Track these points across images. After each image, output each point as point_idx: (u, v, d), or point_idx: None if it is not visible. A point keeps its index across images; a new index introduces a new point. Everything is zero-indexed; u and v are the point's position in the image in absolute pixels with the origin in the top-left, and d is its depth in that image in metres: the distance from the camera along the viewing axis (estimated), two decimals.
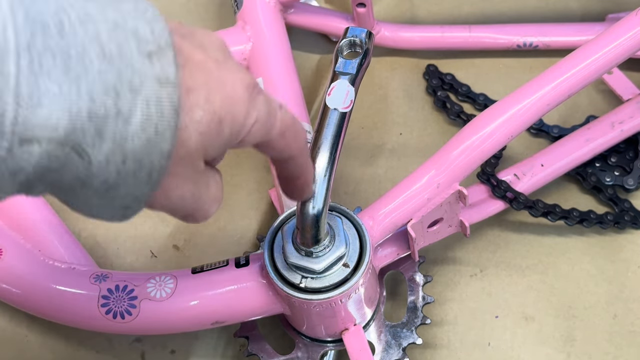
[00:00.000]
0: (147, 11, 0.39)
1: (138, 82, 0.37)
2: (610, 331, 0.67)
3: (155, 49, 0.38)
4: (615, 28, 0.59)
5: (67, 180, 0.37)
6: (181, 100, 0.38)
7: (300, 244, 0.54)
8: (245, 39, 0.73)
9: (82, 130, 0.35)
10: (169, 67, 0.38)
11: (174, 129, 0.38)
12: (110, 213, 0.40)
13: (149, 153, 0.38)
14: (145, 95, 0.37)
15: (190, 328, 0.60)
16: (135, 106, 0.36)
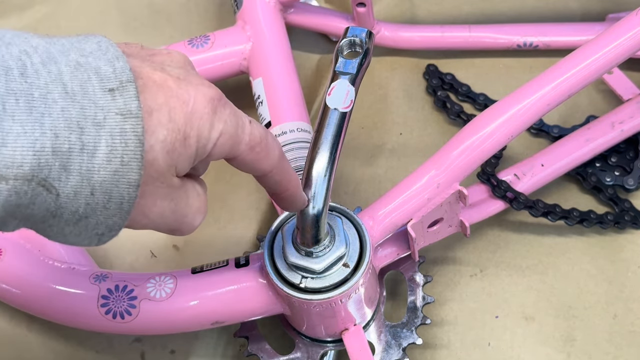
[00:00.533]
0: (109, 51, 0.40)
1: (101, 117, 0.38)
2: (610, 331, 0.67)
3: (117, 85, 0.39)
4: (615, 28, 0.59)
5: (38, 213, 0.38)
6: (144, 123, 0.39)
7: (300, 244, 0.54)
8: (245, 38, 0.73)
9: (48, 165, 0.36)
10: (131, 101, 0.39)
11: (140, 159, 0.39)
12: (85, 240, 0.41)
13: (117, 184, 0.39)
14: (109, 128, 0.38)
15: (190, 328, 0.60)
16: (99, 139, 0.38)
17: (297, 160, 0.64)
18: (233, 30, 0.74)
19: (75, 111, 0.37)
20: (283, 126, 0.66)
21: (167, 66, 0.43)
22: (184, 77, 0.43)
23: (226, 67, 0.73)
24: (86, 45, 0.40)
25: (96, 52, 0.40)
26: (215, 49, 0.72)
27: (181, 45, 0.73)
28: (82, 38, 0.41)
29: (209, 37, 0.73)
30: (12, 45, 0.37)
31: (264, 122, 0.68)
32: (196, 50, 0.72)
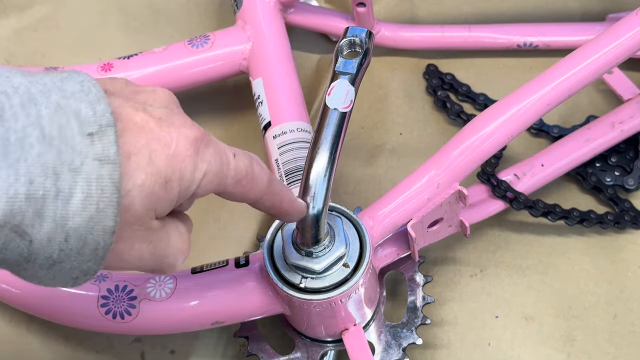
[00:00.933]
0: (91, 92, 0.40)
1: (78, 162, 0.38)
2: (610, 331, 0.67)
3: (96, 130, 0.38)
4: (615, 28, 0.59)
5: (11, 257, 0.37)
6: (122, 168, 0.39)
7: (300, 244, 0.54)
8: (245, 38, 0.73)
9: (21, 212, 0.36)
10: (110, 147, 0.38)
11: (116, 206, 0.38)
12: (60, 283, 0.40)
13: (92, 230, 0.38)
14: (85, 174, 0.38)
15: (190, 328, 0.60)
16: (75, 186, 0.37)
17: (297, 160, 0.64)
18: (233, 30, 0.74)
19: (52, 156, 0.37)
20: (283, 126, 0.66)
21: (150, 106, 0.43)
22: (167, 117, 0.42)
23: (226, 67, 0.73)
24: (68, 86, 0.40)
25: (78, 93, 0.39)
26: (215, 49, 0.72)
27: (181, 45, 0.73)
28: (65, 76, 0.40)
29: (209, 37, 0.73)
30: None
31: (264, 122, 0.68)
32: (196, 50, 0.72)
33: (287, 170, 0.63)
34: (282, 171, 0.64)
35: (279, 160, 0.64)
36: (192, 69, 0.73)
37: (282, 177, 0.63)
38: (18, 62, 0.82)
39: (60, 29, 0.84)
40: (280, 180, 0.63)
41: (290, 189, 0.62)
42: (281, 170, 0.64)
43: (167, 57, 0.72)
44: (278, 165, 0.64)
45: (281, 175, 0.64)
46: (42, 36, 0.83)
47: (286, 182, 0.63)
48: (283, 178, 0.63)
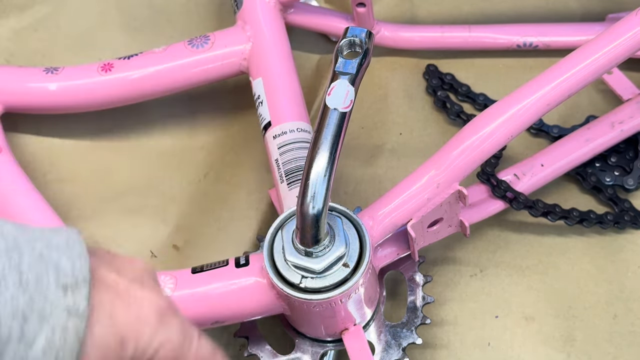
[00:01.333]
0: (75, 248, 0.41)
1: (48, 311, 0.39)
2: (610, 331, 0.67)
3: (72, 282, 0.40)
4: (615, 28, 0.59)
5: None
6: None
7: (300, 244, 0.54)
8: (245, 39, 0.73)
9: None
10: (81, 301, 0.40)
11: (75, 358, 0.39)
12: None
13: None
14: (52, 323, 0.39)
15: None
16: (40, 332, 0.39)
17: (297, 160, 0.64)
18: (233, 31, 0.74)
19: (24, 301, 0.38)
20: (283, 126, 0.66)
21: (124, 270, 0.44)
22: (139, 284, 0.44)
23: (226, 67, 0.73)
24: (55, 238, 0.41)
25: (62, 247, 0.41)
26: (215, 49, 0.72)
27: (181, 46, 0.73)
28: (55, 229, 0.42)
29: (209, 37, 0.73)
30: None
31: (264, 122, 0.68)
32: (196, 50, 0.72)
33: (287, 170, 0.63)
34: (282, 171, 0.64)
35: (279, 160, 0.64)
36: (192, 69, 0.73)
37: (282, 177, 0.63)
38: (18, 62, 0.82)
39: (60, 29, 0.84)
40: (281, 180, 0.64)
41: (291, 189, 0.62)
42: (281, 170, 0.64)
43: (167, 57, 0.72)
44: (278, 165, 0.64)
45: (281, 175, 0.64)
46: (42, 36, 0.83)
47: (286, 182, 0.63)
48: (283, 178, 0.63)
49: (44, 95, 0.72)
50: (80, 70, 0.72)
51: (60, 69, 0.72)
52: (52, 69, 0.72)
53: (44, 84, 0.72)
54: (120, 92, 0.72)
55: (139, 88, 0.73)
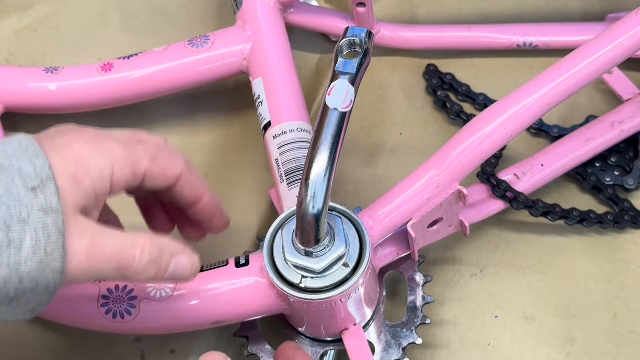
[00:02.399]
0: (29, 149, 0.45)
1: (26, 214, 0.43)
2: (611, 331, 0.67)
3: (38, 184, 0.44)
4: (615, 28, 0.59)
5: None
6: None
7: (300, 244, 0.54)
8: (245, 39, 0.73)
9: None
10: (52, 198, 0.44)
11: (62, 249, 0.44)
12: (20, 315, 0.46)
13: (43, 272, 0.44)
14: (33, 224, 0.43)
15: (190, 328, 0.60)
16: (25, 235, 0.43)
17: (297, 160, 0.64)
18: (233, 30, 0.74)
19: (2, 212, 0.42)
20: (283, 126, 0.66)
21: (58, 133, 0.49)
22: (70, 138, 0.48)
23: (226, 67, 0.73)
24: (9, 147, 0.45)
25: (18, 152, 0.45)
26: (215, 49, 0.73)
27: (181, 45, 0.73)
28: (5, 140, 0.46)
29: (209, 37, 0.73)
30: None
31: (264, 122, 0.68)
32: (196, 50, 0.72)
33: (287, 170, 0.63)
34: (282, 171, 0.64)
35: (279, 160, 0.64)
36: (192, 69, 0.73)
37: (282, 177, 0.63)
38: (18, 62, 0.82)
39: (60, 29, 0.84)
40: (281, 180, 0.64)
41: (291, 189, 0.62)
42: (281, 170, 0.64)
43: (167, 57, 0.72)
44: (278, 165, 0.64)
45: (281, 174, 0.64)
46: (42, 36, 0.83)
47: (286, 182, 0.63)
48: (283, 178, 0.63)
49: (44, 95, 0.72)
50: (80, 70, 0.72)
51: (60, 69, 0.72)
52: (52, 69, 0.72)
53: (44, 84, 0.72)
54: (120, 92, 0.72)
55: (139, 88, 0.73)
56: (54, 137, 0.48)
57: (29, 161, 0.45)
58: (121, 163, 0.49)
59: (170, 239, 0.51)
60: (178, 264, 0.51)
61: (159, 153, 0.52)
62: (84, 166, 0.47)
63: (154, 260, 0.49)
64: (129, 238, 0.48)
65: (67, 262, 0.44)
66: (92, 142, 0.48)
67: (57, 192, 0.44)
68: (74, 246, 0.45)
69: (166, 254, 0.50)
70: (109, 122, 0.78)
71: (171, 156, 0.53)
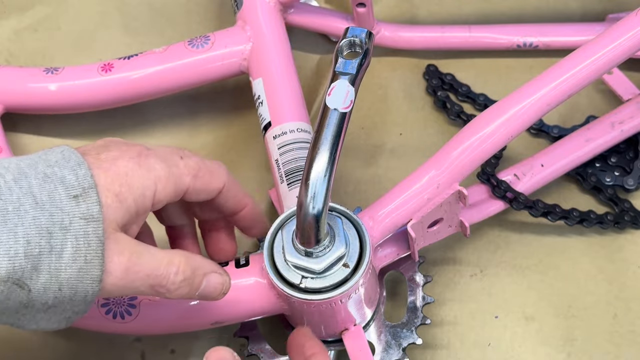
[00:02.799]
0: (71, 159, 0.46)
1: (67, 222, 0.44)
2: (611, 331, 0.67)
3: (80, 192, 0.45)
4: (615, 28, 0.59)
5: (13, 306, 0.44)
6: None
7: (300, 244, 0.54)
8: (245, 39, 0.73)
9: (21, 268, 0.42)
10: (93, 207, 0.45)
11: (101, 257, 0.45)
12: (55, 324, 0.47)
13: (82, 279, 0.45)
14: (74, 231, 0.44)
15: (190, 328, 0.60)
16: (66, 242, 0.44)
17: (297, 160, 0.64)
18: (233, 31, 0.74)
19: (45, 218, 0.43)
20: (283, 126, 0.66)
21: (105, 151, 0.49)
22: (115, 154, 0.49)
23: (226, 68, 0.73)
24: (52, 156, 0.46)
25: (60, 161, 0.46)
26: (215, 49, 0.73)
27: (181, 46, 0.73)
28: (48, 150, 0.47)
29: (209, 38, 0.73)
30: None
31: (264, 122, 0.68)
32: (196, 51, 0.72)
33: (287, 171, 0.63)
34: (282, 171, 0.64)
35: (279, 161, 0.64)
36: (192, 69, 0.73)
37: (282, 177, 0.63)
38: (18, 62, 0.82)
39: (60, 29, 0.84)
40: (281, 180, 0.64)
41: (291, 189, 0.62)
42: (281, 170, 0.64)
43: (167, 57, 0.72)
44: (278, 165, 0.64)
45: (281, 175, 0.64)
46: (42, 36, 0.83)
47: (286, 183, 0.63)
48: (283, 178, 0.63)
49: (44, 95, 0.72)
50: (80, 70, 0.72)
51: (60, 69, 0.72)
52: (52, 69, 0.72)
53: (44, 84, 0.72)
54: (120, 92, 0.72)
55: (139, 88, 0.73)
56: (99, 152, 0.49)
57: (71, 170, 0.46)
58: (164, 181, 0.49)
59: (202, 258, 0.52)
60: (209, 282, 0.51)
61: (200, 169, 0.52)
62: (128, 184, 0.47)
63: (187, 279, 0.50)
64: (165, 256, 0.49)
65: (104, 278, 0.45)
66: (136, 160, 0.49)
67: (98, 201, 0.45)
68: (112, 263, 0.46)
69: (199, 273, 0.51)
70: (109, 122, 0.78)
71: (213, 170, 0.54)
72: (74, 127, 0.78)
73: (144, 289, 0.48)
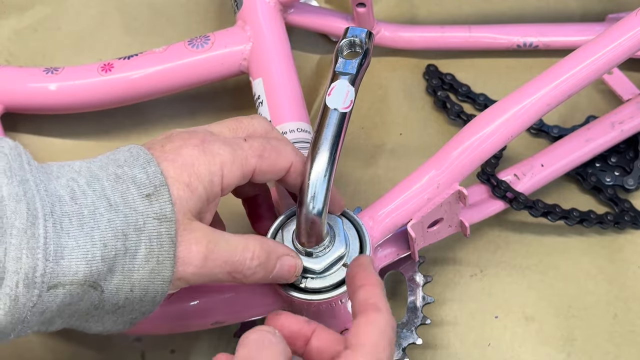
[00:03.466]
0: (140, 156, 0.46)
1: (142, 223, 0.44)
2: (611, 331, 0.67)
3: (152, 191, 0.45)
4: (615, 28, 0.59)
5: (84, 307, 0.44)
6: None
7: (300, 244, 0.54)
8: (245, 39, 0.73)
9: (97, 271, 0.42)
10: (166, 206, 0.45)
11: (173, 258, 0.45)
12: (120, 325, 0.47)
13: (153, 280, 0.45)
14: (148, 232, 0.44)
15: (190, 328, 0.60)
16: (140, 243, 0.44)
17: None
18: (233, 31, 0.74)
19: (120, 220, 0.43)
20: (283, 126, 0.66)
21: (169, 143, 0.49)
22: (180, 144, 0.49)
23: (226, 68, 0.73)
24: (120, 156, 0.47)
25: (129, 160, 0.46)
26: (215, 49, 0.72)
27: (181, 46, 0.73)
28: (116, 150, 0.47)
29: (209, 38, 0.73)
30: (60, 177, 0.44)
31: None
32: (196, 51, 0.72)
33: None
34: None
35: None
36: (192, 69, 0.73)
37: None
38: (18, 62, 0.82)
39: (60, 29, 0.84)
40: None
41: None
42: None
43: (167, 57, 0.72)
44: None
45: None
46: (42, 36, 0.83)
47: None
48: None
49: (44, 95, 0.72)
50: (80, 70, 0.72)
51: (60, 69, 0.72)
52: (52, 69, 0.72)
53: (44, 84, 0.72)
54: (120, 92, 0.72)
55: (139, 88, 0.73)
56: (163, 144, 0.49)
57: (141, 168, 0.46)
58: (230, 165, 0.49)
59: (275, 242, 0.53)
60: (283, 265, 0.51)
61: (266, 147, 0.51)
62: (196, 173, 0.47)
63: (262, 263, 0.50)
64: (240, 242, 0.49)
65: (183, 269, 0.46)
66: (200, 147, 0.48)
67: (170, 199, 0.45)
68: (191, 252, 0.46)
69: (273, 256, 0.51)
70: (109, 122, 0.78)
71: (279, 148, 0.52)
72: (74, 127, 0.78)
73: (221, 276, 0.48)
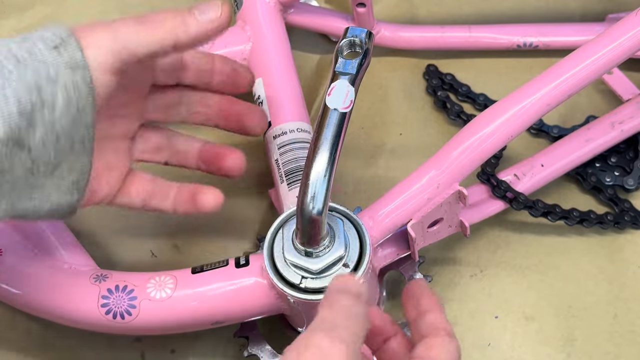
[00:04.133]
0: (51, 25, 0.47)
1: (54, 73, 0.44)
2: (611, 331, 0.67)
3: (59, 42, 0.45)
4: (615, 28, 0.59)
5: (18, 172, 0.44)
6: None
7: (300, 244, 0.54)
8: (245, 39, 0.73)
9: (17, 126, 0.43)
10: (76, 53, 0.45)
11: (93, 104, 0.46)
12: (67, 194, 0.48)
13: (77, 128, 0.46)
14: (62, 82, 0.45)
15: (190, 328, 0.60)
16: (56, 94, 0.44)
17: (297, 160, 0.64)
18: (233, 31, 0.74)
19: (30, 74, 0.44)
20: (283, 126, 0.66)
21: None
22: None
23: None
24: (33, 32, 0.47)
25: (40, 29, 0.47)
26: (215, 49, 0.72)
27: None
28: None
29: None
30: None
31: None
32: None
33: (287, 171, 0.63)
34: (282, 171, 0.64)
35: (279, 160, 0.64)
36: None
37: (282, 177, 0.63)
38: None
39: None
40: (281, 180, 0.64)
41: (291, 189, 0.62)
42: (281, 170, 0.64)
43: None
44: (278, 165, 0.64)
45: (281, 175, 0.64)
46: None
47: (286, 182, 0.63)
48: (283, 178, 0.63)
49: None
50: None
51: None
52: None
53: None
54: None
55: None
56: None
57: (49, 29, 0.46)
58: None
59: None
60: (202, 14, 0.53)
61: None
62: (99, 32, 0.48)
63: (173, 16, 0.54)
64: None
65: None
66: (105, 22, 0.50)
67: (79, 46, 0.46)
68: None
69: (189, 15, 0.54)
70: None
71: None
72: None
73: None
